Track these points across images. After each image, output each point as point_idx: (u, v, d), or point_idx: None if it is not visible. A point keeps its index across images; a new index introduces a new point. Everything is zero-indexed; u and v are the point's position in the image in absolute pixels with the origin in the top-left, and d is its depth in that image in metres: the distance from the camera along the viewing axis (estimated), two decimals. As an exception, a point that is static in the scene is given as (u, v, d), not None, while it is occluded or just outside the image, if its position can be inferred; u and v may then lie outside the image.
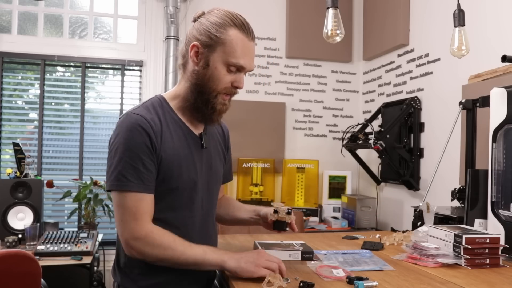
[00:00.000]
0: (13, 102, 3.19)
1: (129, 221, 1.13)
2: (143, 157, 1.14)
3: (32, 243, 2.46)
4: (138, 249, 1.13)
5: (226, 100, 1.25)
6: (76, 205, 3.03)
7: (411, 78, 2.94)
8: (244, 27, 1.21)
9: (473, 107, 2.04)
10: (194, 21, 1.26)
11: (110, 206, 2.94)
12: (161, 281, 1.21)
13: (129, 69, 3.33)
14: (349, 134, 3.04)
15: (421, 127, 2.80)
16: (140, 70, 3.33)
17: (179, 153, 1.22)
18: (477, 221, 1.62)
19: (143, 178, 1.14)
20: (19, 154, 2.70)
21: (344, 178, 3.38)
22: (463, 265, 1.32)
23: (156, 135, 1.17)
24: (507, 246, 1.41)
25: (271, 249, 1.31)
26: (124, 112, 1.22)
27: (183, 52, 1.27)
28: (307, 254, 1.31)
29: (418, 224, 1.93)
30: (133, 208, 1.13)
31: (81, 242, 2.48)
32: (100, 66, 3.30)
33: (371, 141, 2.70)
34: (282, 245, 1.36)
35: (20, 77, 3.23)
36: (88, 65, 3.24)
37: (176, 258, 1.13)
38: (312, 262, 1.31)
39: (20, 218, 2.61)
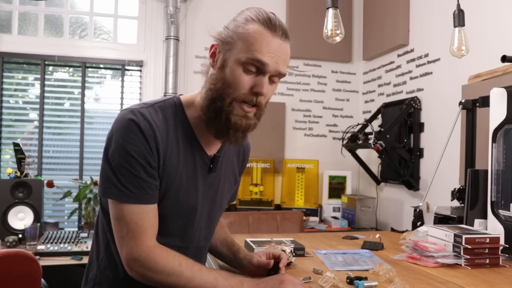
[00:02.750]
0: (13, 102, 3.19)
1: (128, 238, 0.96)
2: (144, 164, 0.97)
3: (32, 243, 2.46)
4: (137, 271, 0.97)
5: (250, 113, 1.01)
6: (76, 205, 3.03)
7: (411, 78, 2.94)
8: (268, 22, 0.99)
9: (473, 107, 2.04)
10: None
11: (110, 206, 2.94)
12: None
13: (129, 69, 3.33)
14: (349, 134, 3.04)
15: (421, 127, 2.81)
16: (140, 70, 3.33)
17: (181, 173, 1.04)
18: (477, 221, 1.62)
19: (146, 188, 0.97)
20: (19, 154, 2.70)
21: (344, 178, 3.38)
22: (463, 265, 1.32)
23: (158, 146, 0.99)
24: (507, 246, 1.41)
25: (263, 247, 1.37)
26: (128, 107, 1.03)
27: (208, 58, 1.10)
28: (299, 251, 1.40)
29: (418, 224, 1.93)
30: (132, 223, 0.96)
31: (81, 242, 2.48)
32: (100, 66, 3.30)
33: (371, 141, 2.70)
34: (273, 242, 1.41)
35: (20, 77, 3.23)
36: (88, 65, 3.24)
37: (182, 286, 0.96)
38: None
39: (20, 218, 2.61)
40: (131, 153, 0.96)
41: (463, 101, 2.06)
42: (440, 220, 1.86)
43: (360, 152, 3.20)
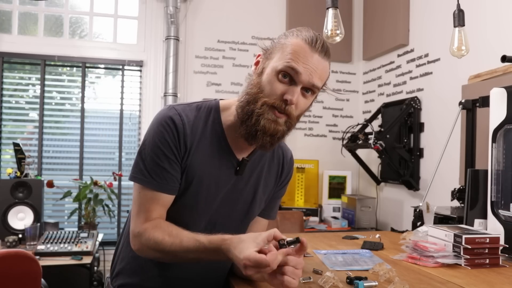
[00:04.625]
0: (13, 102, 3.19)
1: (135, 217, 1.08)
2: (170, 156, 1.06)
3: (32, 243, 2.46)
4: (136, 247, 1.08)
5: (280, 119, 1.04)
6: (76, 205, 3.04)
7: (411, 78, 2.94)
8: (309, 38, 1.03)
9: (473, 107, 2.04)
10: None
11: (110, 206, 2.94)
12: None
13: (129, 69, 3.33)
14: (349, 134, 3.04)
15: (421, 127, 2.81)
16: (140, 70, 3.33)
17: (204, 169, 1.10)
18: (477, 221, 1.62)
19: (167, 178, 1.06)
20: (19, 154, 2.70)
21: (344, 178, 3.38)
22: (463, 265, 1.32)
23: (186, 139, 1.07)
24: (507, 246, 1.41)
25: None
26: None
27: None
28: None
29: (418, 224, 1.93)
30: (142, 205, 1.07)
31: (81, 242, 2.48)
32: (100, 66, 3.30)
33: (371, 141, 2.70)
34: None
35: (20, 77, 3.23)
36: (88, 65, 3.24)
37: (172, 259, 1.05)
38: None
39: (20, 218, 2.61)
40: (158, 145, 1.06)
41: (463, 101, 2.06)
42: (440, 220, 1.86)
43: (360, 152, 3.20)
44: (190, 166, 1.09)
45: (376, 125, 3.16)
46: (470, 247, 1.31)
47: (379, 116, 3.18)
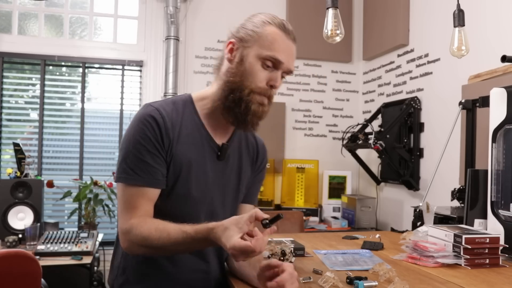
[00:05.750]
0: (13, 102, 3.19)
1: (121, 214, 1.09)
2: (153, 151, 1.09)
3: (32, 243, 2.46)
4: (125, 245, 1.08)
5: (264, 101, 1.14)
6: (76, 205, 3.04)
7: (411, 78, 2.94)
8: (283, 26, 1.14)
9: (473, 107, 2.04)
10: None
11: (110, 206, 2.94)
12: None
13: (129, 69, 3.33)
14: (349, 134, 3.04)
15: (421, 127, 2.81)
16: (140, 70, 3.33)
17: (191, 158, 1.14)
18: (477, 221, 1.62)
19: (152, 172, 1.08)
20: (19, 154, 2.70)
21: (344, 178, 3.38)
22: (463, 265, 1.32)
23: (168, 133, 1.10)
24: (507, 246, 1.41)
25: None
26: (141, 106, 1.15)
27: (219, 55, 1.20)
28: (299, 251, 1.40)
29: (418, 224, 1.93)
30: (127, 202, 1.09)
31: (81, 242, 2.48)
32: (100, 66, 3.30)
33: (371, 141, 2.70)
34: (273, 242, 1.38)
35: (20, 77, 3.23)
36: (88, 65, 3.24)
37: (161, 253, 1.09)
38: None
39: (20, 218, 2.61)
40: (140, 142, 1.08)
41: (463, 101, 2.06)
42: (440, 220, 1.86)
43: (360, 152, 3.20)
44: (176, 156, 1.11)
45: (376, 125, 3.16)
46: (470, 247, 1.31)
47: (379, 116, 3.18)
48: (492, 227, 1.54)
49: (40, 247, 2.38)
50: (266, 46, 1.11)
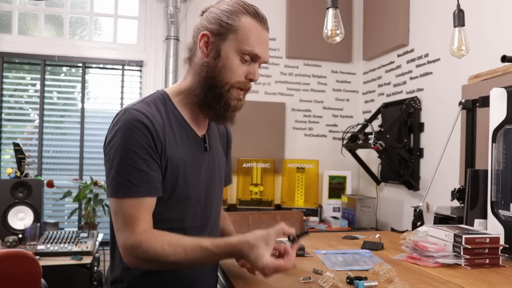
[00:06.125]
0: (13, 102, 3.19)
1: (123, 229, 1.02)
2: (147, 158, 1.02)
3: (32, 243, 2.46)
4: (129, 260, 1.02)
5: (241, 95, 1.13)
6: (76, 205, 3.04)
7: (411, 78, 2.94)
8: (257, 15, 1.12)
9: (473, 107, 2.04)
10: (202, 14, 1.16)
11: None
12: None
13: (129, 69, 3.33)
14: (349, 134, 3.04)
15: (421, 127, 2.81)
16: (140, 70, 3.33)
17: (183, 157, 1.11)
18: (477, 221, 1.62)
19: (150, 180, 1.03)
20: (19, 154, 2.70)
21: (344, 178, 3.38)
22: (463, 265, 1.32)
23: (159, 135, 1.05)
24: (507, 246, 1.41)
25: None
26: (121, 109, 1.10)
27: (190, 45, 1.16)
28: (299, 251, 1.40)
29: (418, 224, 1.93)
30: (127, 215, 1.01)
31: (81, 242, 2.48)
32: (100, 66, 3.30)
33: (371, 141, 2.70)
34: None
35: (20, 77, 3.23)
36: (88, 65, 3.24)
37: (174, 268, 1.05)
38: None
39: (20, 218, 2.61)
40: (132, 149, 1.02)
41: (463, 101, 2.06)
42: (440, 220, 1.86)
43: (360, 152, 3.20)
44: (170, 158, 1.08)
45: (376, 125, 3.16)
46: (470, 247, 1.31)
47: (379, 116, 3.18)
48: (492, 227, 1.54)
49: (40, 247, 2.38)
50: (244, 41, 1.08)
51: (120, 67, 3.29)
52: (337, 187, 3.38)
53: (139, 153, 1.02)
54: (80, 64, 3.21)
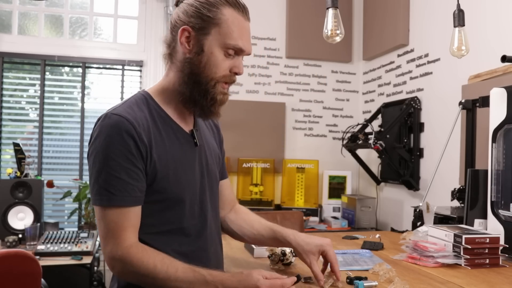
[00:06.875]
0: (13, 102, 3.19)
1: (108, 238, 1.00)
2: (127, 165, 0.99)
3: (32, 243, 2.46)
4: (117, 270, 1.01)
5: (226, 89, 1.11)
6: (76, 205, 3.04)
7: (411, 78, 2.94)
8: (238, 5, 1.07)
9: (473, 107, 2.04)
10: (177, 3, 1.11)
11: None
12: None
13: (129, 69, 3.33)
14: (349, 134, 3.04)
15: (421, 127, 2.81)
16: (140, 70, 3.33)
17: (174, 156, 1.08)
18: (477, 221, 1.62)
19: (129, 190, 0.99)
20: (19, 154, 2.70)
21: (344, 178, 3.38)
22: (463, 265, 1.32)
23: (142, 138, 1.01)
24: (507, 246, 1.41)
25: (263, 247, 1.37)
26: (102, 115, 1.07)
27: (168, 40, 1.12)
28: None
29: (418, 224, 1.93)
30: (112, 223, 0.99)
31: (81, 242, 2.48)
32: (100, 66, 3.30)
33: (371, 141, 2.70)
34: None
35: (20, 77, 3.23)
36: (88, 65, 3.24)
37: (160, 287, 0.99)
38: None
39: (20, 218, 2.61)
40: (111, 157, 0.99)
41: (463, 101, 2.06)
42: (440, 220, 1.86)
43: (360, 152, 3.20)
44: (159, 159, 1.04)
45: (376, 125, 3.16)
46: (470, 247, 1.31)
47: (379, 116, 3.18)
48: (492, 227, 1.54)
49: (40, 247, 2.38)
50: (227, 35, 1.05)
51: (120, 67, 3.29)
52: (337, 187, 3.38)
53: (118, 160, 0.99)
54: (80, 64, 3.21)
